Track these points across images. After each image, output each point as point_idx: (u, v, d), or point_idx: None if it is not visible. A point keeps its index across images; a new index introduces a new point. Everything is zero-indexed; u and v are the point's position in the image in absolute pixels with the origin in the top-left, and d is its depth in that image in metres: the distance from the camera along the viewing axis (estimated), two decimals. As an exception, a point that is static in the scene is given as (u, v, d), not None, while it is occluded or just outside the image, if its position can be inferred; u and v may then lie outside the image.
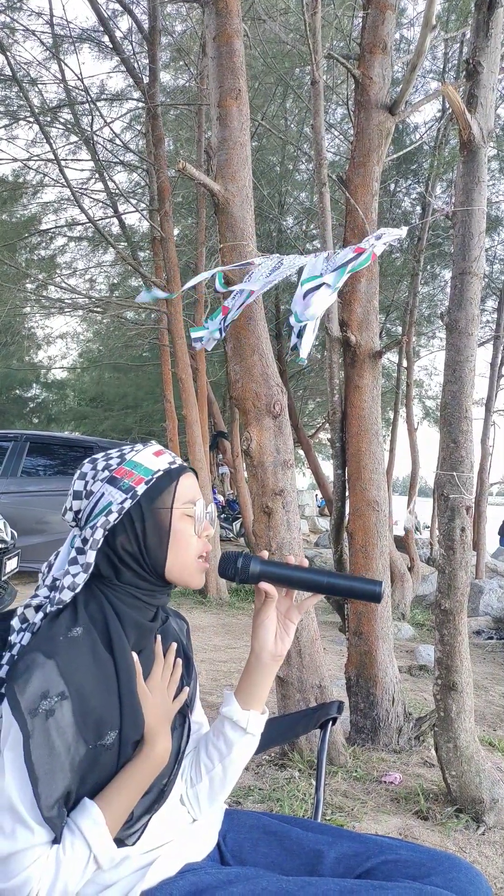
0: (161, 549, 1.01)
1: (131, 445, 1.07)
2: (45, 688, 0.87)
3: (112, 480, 1.00)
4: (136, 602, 1.01)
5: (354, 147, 3.09)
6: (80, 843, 0.88)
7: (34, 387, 19.00)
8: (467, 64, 2.29)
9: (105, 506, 0.99)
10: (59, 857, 0.86)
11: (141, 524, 1.00)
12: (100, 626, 0.97)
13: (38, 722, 0.86)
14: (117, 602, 1.00)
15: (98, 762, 0.92)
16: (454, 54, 7.48)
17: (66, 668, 0.89)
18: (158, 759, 0.98)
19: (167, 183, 6.26)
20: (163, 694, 1.03)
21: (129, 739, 0.95)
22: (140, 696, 0.99)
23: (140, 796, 0.96)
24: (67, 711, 0.88)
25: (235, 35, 2.60)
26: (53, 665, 0.89)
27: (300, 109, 8.54)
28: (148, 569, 1.01)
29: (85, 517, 1.01)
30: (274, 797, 2.33)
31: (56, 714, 0.87)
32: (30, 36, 6.80)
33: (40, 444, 7.22)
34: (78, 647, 0.92)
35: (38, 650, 0.90)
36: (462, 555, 2.29)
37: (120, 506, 0.98)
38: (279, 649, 1.09)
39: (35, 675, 0.87)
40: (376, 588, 1.02)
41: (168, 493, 1.02)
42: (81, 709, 0.90)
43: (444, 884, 0.98)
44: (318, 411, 16.68)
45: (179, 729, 1.08)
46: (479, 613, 6.47)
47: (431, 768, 2.66)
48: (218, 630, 5.42)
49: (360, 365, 3.04)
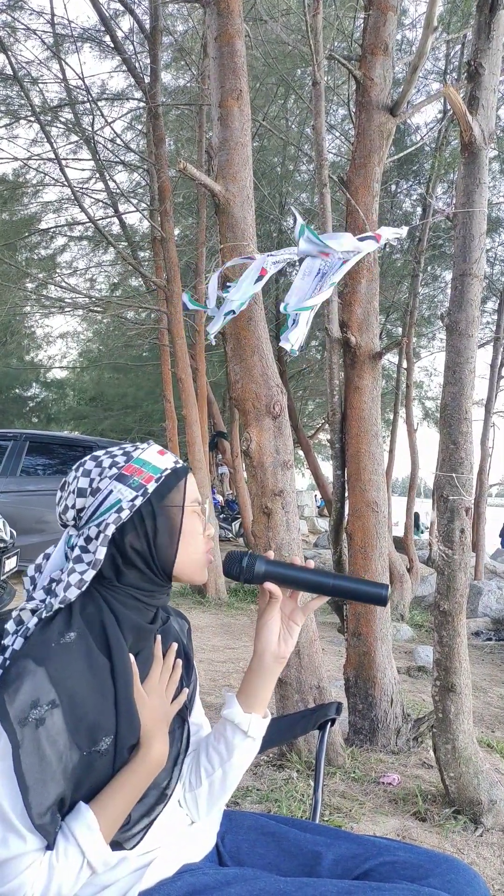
0: (171, 547, 1.01)
1: (133, 444, 1.07)
2: (35, 696, 0.86)
3: (121, 478, 1.00)
4: (136, 604, 1.01)
5: (355, 148, 3.10)
6: (74, 849, 0.87)
7: (34, 386, 19.01)
8: (469, 65, 2.29)
9: (114, 503, 0.98)
10: (53, 863, 0.86)
11: (151, 522, 0.99)
12: (96, 629, 0.96)
13: (28, 731, 0.85)
14: (116, 604, 0.99)
15: (93, 768, 0.91)
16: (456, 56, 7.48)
17: (56, 675, 0.88)
18: (154, 763, 0.97)
19: (168, 183, 6.26)
20: (160, 696, 1.02)
21: (125, 744, 0.94)
22: (136, 699, 0.98)
23: (136, 800, 0.96)
24: (59, 719, 0.87)
25: (237, 35, 2.60)
26: (44, 672, 0.88)
27: (301, 110, 8.55)
28: (155, 567, 1.01)
29: (88, 515, 0.99)
30: (272, 798, 2.33)
31: (46, 722, 0.86)
32: (31, 35, 6.80)
33: (40, 444, 7.22)
34: (70, 652, 0.91)
35: (29, 657, 0.88)
36: (461, 556, 2.28)
37: (131, 503, 0.97)
38: (282, 651, 1.08)
39: (25, 683, 0.86)
40: (382, 591, 1.02)
41: (177, 491, 1.02)
42: (74, 716, 0.89)
43: (441, 885, 0.98)
44: (317, 412, 16.68)
45: (178, 731, 1.07)
46: (478, 615, 6.47)
47: (430, 769, 2.66)
48: (217, 630, 5.42)
49: (360, 366, 3.04)
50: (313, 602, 1.08)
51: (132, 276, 11.05)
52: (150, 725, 0.98)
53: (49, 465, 7.19)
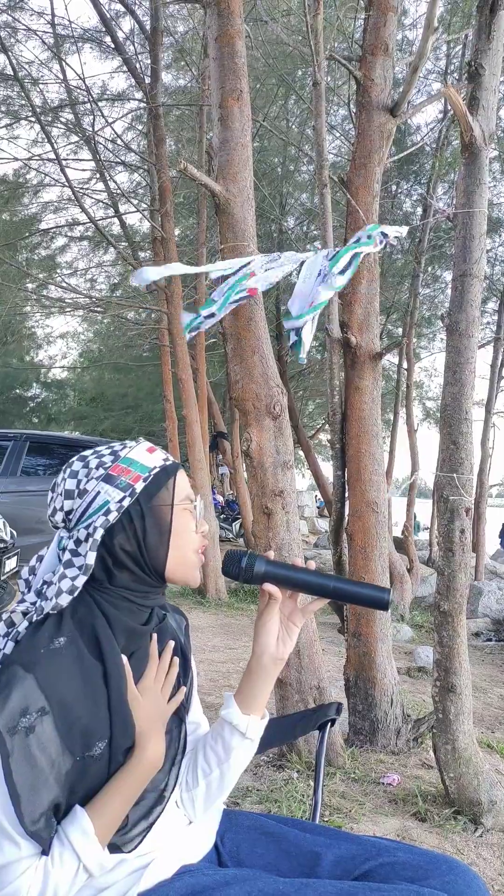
0: (162, 548, 0.99)
1: (121, 443, 1.04)
2: (25, 704, 0.85)
3: (108, 478, 0.98)
4: (129, 605, 0.99)
5: (356, 148, 3.10)
6: (69, 853, 0.87)
7: (34, 386, 19.01)
8: (469, 66, 2.29)
9: (101, 505, 0.96)
10: (48, 868, 0.86)
11: (141, 522, 0.98)
12: (88, 633, 0.95)
13: (18, 740, 0.84)
14: (108, 606, 0.97)
15: (87, 773, 0.90)
16: (456, 56, 7.49)
17: (46, 681, 0.87)
18: (150, 765, 0.96)
19: (168, 183, 6.26)
20: (155, 696, 1.00)
21: (120, 748, 0.94)
22: (130, 700, 0.96)
23: (133, 802, 0.95)
24: (49, 726, 0.86)
25: (237, 36, 2.60)
26: (32, 679, 0.87)
27: (301, 110, 8.56)
28: (147, 568, 0.99)
29: (77, 517, 0.98)
30: (272, 798, 2.33)
31: (37, 730, 0.85)
32: (31, 35, 6.80)
33: (40, 444, 7.21)
34: (60, 658, 0.90)
35: (18, 663, 0.87)
36: (461, 556, 2.28)
37: (119, 504, 0.96)
38: (281, 652, 1.07)
39: (14, 691, 0.85)
40: (384, 596, 1.00)
41: (167, 489, 1.00)
42: (65, 722, 0.88)
43: (441, 886, 0.97)
44: (318, 412, 16.69)
45: (175, 731, 1.06)
46: (478, 615, 6.46)
47: (430, 770, 2.66)
48: (216, 630, 5.42)
49: (361, 366, 3.04)
50: (313, 604, 1.06)
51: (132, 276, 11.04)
52: (145, 726, 0.97)
53: (49, 465, 7.18)
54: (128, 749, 0.95)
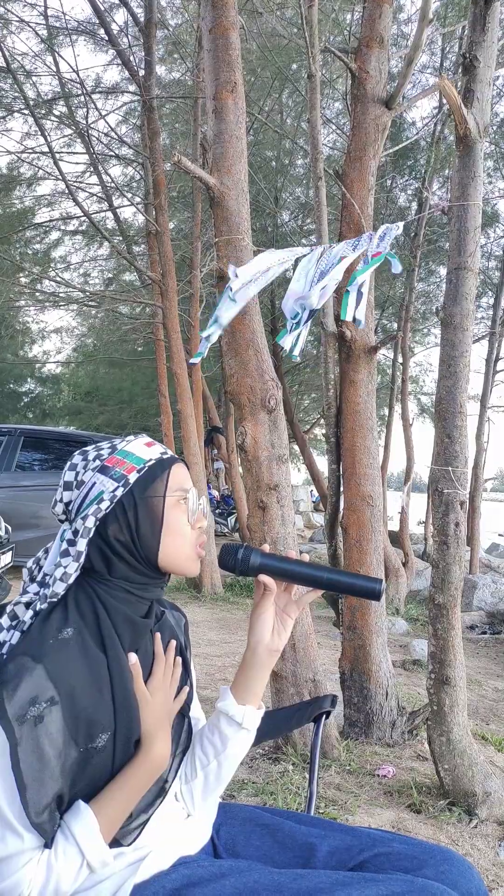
0: (154, 538, 1.00)
1: (122, 438, 1.06)
2: (34, 694, 0.86)
3: (103, 469, 0.99)
4: (129, 597, 1.00)
5: (351, 141, 3.09)
6: (73, 849, 0.87)
7: (29, 381, 18.92)
8: (464, 58, 2.28)
9: (97, 495, 0.98)
10: (51, 861, 0.86)
11: (133, 512, 0.98)
12: (91, 624, 0.95)
13: (27, 729, 0.84)
14: (108, 598, 0.98)
15: (89, 765, 0.90)
16: (451, 49, 7.47)
17: (55, 672, 0.88)
18: (156, 763, 0.97)
19: (162, 176, 6.23)
20: (165, 694, 1.01)
21: (123, 740, 0.94)
22: (139, 699, 0.97)
23: (137, 800, 0.95)
24: (57, 716, 0.87)
25: (232, 28, 2.58)
26: (42, 669, 0.87)
27: (296, 103, 8.52)
28: (141, 558, 1.00)
29: (76, 508, 0.99)
30: (267, 790, 2.34)
31: (45, 720, 0.86)
32: (24, 27, 6.75)
33: (35, 439, 7.20)
34: (68, 648, 0.91)
35: (27, 654, 0.88)
36: (456, 549, 2.29)
37: (112, 494, 0.97)
38: (276, 644, 1.08)
39: (24, 680, 0.86)
40: (376, 586, 1.02)
41: (160, 481, 1.01)
42: (72, 712, 0.88)
43: (436, 876, 0.98)
44: (313, 406, 16.67)
45: (178, 728, 1.07)
46: (473, 608, 6.49)
47: (424, 762, 2.68)
48: (212, 624, 5.43)
49: (356, 360, 3.04)
50: (307, 595, 1.08)
51: (127, 270, 11.01)
52: (153, 725, 0.97)
53: (44, 460, 7.17)
54: (130, 742, 0.95)
